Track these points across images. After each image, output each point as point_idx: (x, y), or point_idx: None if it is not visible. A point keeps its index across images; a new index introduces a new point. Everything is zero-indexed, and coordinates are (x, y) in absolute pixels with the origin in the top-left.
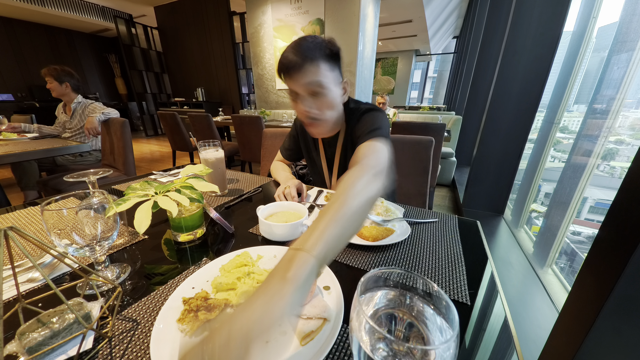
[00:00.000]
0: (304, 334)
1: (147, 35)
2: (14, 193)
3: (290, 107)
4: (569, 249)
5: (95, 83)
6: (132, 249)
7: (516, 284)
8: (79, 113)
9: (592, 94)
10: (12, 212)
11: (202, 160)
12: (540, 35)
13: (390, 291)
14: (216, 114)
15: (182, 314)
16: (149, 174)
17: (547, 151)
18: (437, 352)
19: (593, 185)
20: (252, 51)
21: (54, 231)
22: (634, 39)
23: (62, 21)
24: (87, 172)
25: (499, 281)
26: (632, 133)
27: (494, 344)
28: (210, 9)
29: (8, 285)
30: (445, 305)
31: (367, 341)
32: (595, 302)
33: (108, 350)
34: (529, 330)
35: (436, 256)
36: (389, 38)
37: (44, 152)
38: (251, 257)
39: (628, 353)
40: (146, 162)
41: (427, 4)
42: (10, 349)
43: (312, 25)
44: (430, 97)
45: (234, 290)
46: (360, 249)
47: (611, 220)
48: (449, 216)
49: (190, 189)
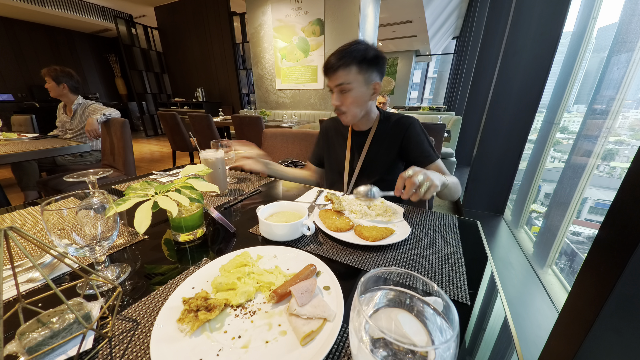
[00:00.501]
0: (304, 334)
1: (147, 36)
2: (14, 193)
3: (290, 107)
4: (569, 249)
5: (96, 83)
6: (132, 249)
7: (516, 284)
8: (80, 114)
9: (591, 95)
10: (12, 212)
11: (202, 160)
12: (540, 35)
13: (390, 291)
14: (216, 114)
15: (182, 314)
16: (149, 174)
17: (547, 151)
18: (437, 352)
19: (593, 186)
20: (252, 51)
21: (54, 231)
22: (634, 39)
23: (62, 21)
24: (87, 172)
25: (499, 281)
26: (631, 133)
27: (494, 344)
28: (210, 9)
29: (8, 285)
30: (445, 305)
31: (367, 341)
32: (595, 302)
33: (108, 350)
34: (529, 330)
35: (436, 256)
36: (389, 38)
37: (44, 152)
38: (251, 257)
39: (628, 353)
40: (146, 162)
41: (427, 4)
42: (10, 349)
43: (312, 26)
44: (430, 97)
45: (234, 290)
46: (360, 249)
47: (611, 221)
48: (449, 216)
49: (190, 189)
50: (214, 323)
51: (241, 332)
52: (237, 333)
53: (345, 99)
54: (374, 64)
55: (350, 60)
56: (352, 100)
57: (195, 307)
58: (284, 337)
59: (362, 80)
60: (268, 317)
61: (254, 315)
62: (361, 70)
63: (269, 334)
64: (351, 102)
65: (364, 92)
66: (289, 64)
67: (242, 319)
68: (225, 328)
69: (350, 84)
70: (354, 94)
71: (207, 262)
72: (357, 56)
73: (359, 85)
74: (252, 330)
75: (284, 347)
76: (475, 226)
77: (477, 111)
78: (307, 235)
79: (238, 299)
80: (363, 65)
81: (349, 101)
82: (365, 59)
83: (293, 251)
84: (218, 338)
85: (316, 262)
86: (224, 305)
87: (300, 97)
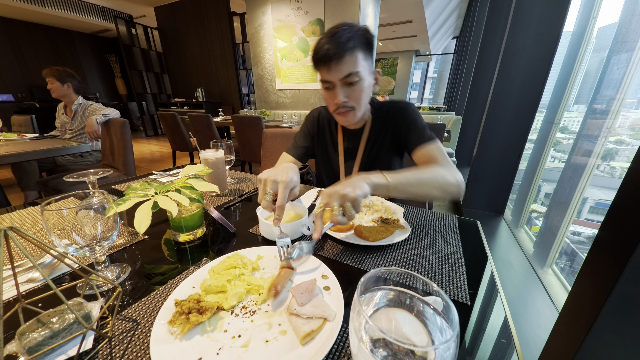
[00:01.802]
0: (304, 333)
1: (147, 36)
2: (14, 193)
3: (290, 107)
4: (569, 249)
5: (96, 83)
6: (132, 249)
7: (516, 284)
8: (80, 115)
9: (592, 94)
10: (12, 212)
11: (202, 160)
12: (540, 35)
13: (390, 291)
14: (216, 114)
15: (173, 316)
16: (149, 174)
17: (547, 151)
18: (437, 352)
19: (593, 186)
20: (252, 51)
21: (54, 231)
22: (634, 39)
23: (62, 21)
24: (87, 172)
25: (499, 281)
26: (632, 133)
27: (494, 344)
28: (210, 10)
29: (8, 285)
30: (445, 305)
31: (367, 341)
32: (595, 302)
33: (108, 350)
34: (529, 330)
35: (436, 256)
36: (389, 38)
37: (44, 152)
38: (242, 258)
39: (628, 353)
40: (146, 162)
41: (427, 4)
42: (10, 349)
43: (312, 26)
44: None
45: (224, 293)
46: (360, 249)
47: (611, 221)
48: (449, 216)
49: (190, 189)
50: (214, 322)
51: (241, 332)
52: (237, 332)
53: (353, 93)
54: (372, 49)
55: (355, 44)
56: (361, 92)
57: (187, 309)
58: (284, 336)
59: (367, 68)
60: (268, 317)
61: (254, 314)
62: (366, 56)
63: (269, 334)
64: (360, 95)
65: (370, 82)
66: (289, 64)
67: (242, 319)
68: (225, 327)
69: (360, 73)
70: (364, 85)
71: (207, 262)
72: (360, 39)
73: (367, 74)
74: (252, 329)
75: (284, 347)
76: (475, 226)
77: (477, 111)
78: (307, 235)
79: (230, 301)
80: (367, 50)
81: (359, 94)
82: (368, 41)
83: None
84: (218, 337)
85: (316, 261)
86: (217, 308)
87: (300, 97)
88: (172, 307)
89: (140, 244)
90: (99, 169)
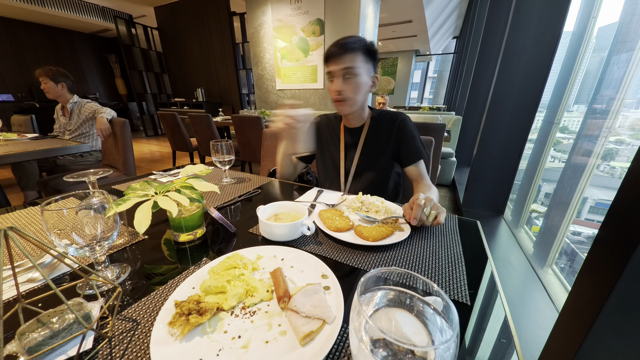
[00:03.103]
0: (304, 334)
1: (147, 36)
2: (14, 193)
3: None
4: (569, 249)
5: (95, 83)
6: (132, 249)
7: (516, 284)
8: (76, 113)
9: (592, 94)
10: (12, 212)
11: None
12: (540, 35)
13: (390, 291)
14: (216, 114)
15: (173, 317)
16: (149, 174)
17: (547, 151)
18: (437, 352)
19: (593, 186)
20: (252, 51)
21: (54, 231)
22: (634, 39)
23: (62, 21)
24: (87, 172)
25: (499, 281)
26: (632, 133)
27: (494, 344)
28: (210, 9)
29: (8, 285)
30: (445, 305)
31: (367, 341)
32: (595, 302)
33: (108, 351)
34: (529, 330)
35: (436, 256)
36: (389, 38)
37: (44, 152)
38: (242, 258)
39: (628, 353)
40: (146, 162)
41: (427, 4)
42: (10, 349)
43: (312, 26)
44: (430, 97)
45: (223, 293)
46: (360, 249)
47: (611, 220)
48: (449, 216)
49: (190, 189)
50: (214, 323)
51: (241, 332)
52: (237, 333)
53: (348, 85)
54: (374, 58)
55: (358, 47)
56: (356, 86)
57: (187, 310)
58: (284, 337)
59: (365, 69)
60: (268, 317)
61: (254, 315)
62: (366, 60)
63: (269, 334)
64: (355, 88)
65: (366, 82)
66: (289, 64)
67: (242, 319)
68: (225, 328)
69: (357, 69)
70: (359, 80)
71: (207, 262)
72: (363, 46)
73: (364, 73)
74: (252, 330)
75: (284, 347)
76: (475, 226)
77: (477, 111)
78: (307, 235)
79: (230, 302)
80: (368, 55)
81: (352, 87)
82: (370, 50)
83: (293, 251)
84: (218, 338)
85: (316, 261)
86: (217, 309)
87: (300, 97)
88: (172, 308)
89: (140, 244)
90: (99, 169)
